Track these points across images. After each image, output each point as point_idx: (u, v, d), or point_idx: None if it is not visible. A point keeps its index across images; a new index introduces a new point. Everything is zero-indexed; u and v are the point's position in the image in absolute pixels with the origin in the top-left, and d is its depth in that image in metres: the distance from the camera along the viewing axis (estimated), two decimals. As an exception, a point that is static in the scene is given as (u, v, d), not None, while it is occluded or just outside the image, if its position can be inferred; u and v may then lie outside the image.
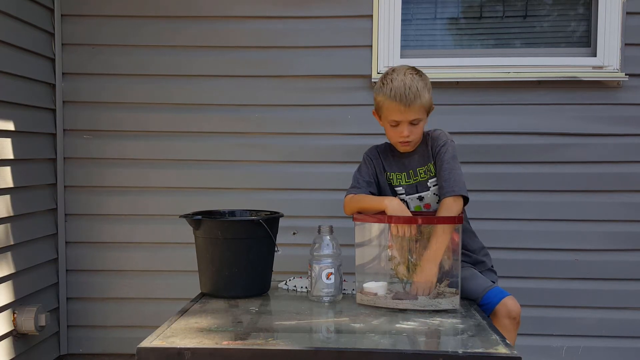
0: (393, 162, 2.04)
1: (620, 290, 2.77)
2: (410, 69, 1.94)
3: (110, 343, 2.90)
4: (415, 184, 2.01)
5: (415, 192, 2.01)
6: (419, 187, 2.00)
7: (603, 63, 2.72)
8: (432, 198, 1.99)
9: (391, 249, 1.80)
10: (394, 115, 1.91)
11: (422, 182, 2.00)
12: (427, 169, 1.99)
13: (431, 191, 1.99)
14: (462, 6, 2.90)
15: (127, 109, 2.86)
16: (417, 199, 2.00)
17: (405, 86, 1.87)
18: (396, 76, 1.91)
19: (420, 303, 1.71)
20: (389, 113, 1.92)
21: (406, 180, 2.01)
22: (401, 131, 1.92)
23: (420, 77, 1.93)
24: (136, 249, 2.88)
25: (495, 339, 1.44)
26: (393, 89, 1.88)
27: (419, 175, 2.00)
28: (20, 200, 2.54)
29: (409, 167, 2.01)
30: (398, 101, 1.87)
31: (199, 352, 1.36)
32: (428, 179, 1.99)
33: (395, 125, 1.92)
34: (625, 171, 2.76)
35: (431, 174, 1.99)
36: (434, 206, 1.98)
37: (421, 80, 1.91)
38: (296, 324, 1.59)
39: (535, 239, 2.78)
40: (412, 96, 1.87)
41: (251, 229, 1.86)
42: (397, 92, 1.87)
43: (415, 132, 1.93)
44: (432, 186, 1.99)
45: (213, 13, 2.82)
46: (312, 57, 2.81)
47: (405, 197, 2.01)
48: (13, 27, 2.50)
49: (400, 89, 1.87)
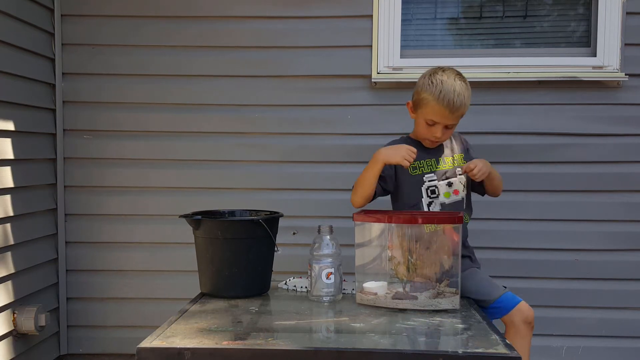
0: (421, 151, 2.03)
1: (620, 290, 2.77)
2: (459, 75, 1.97)
3: (110, 343, 2.90)
4: (446, 169, 2.05)
5: (445, 177, 2.04)
6: (449, 173, 2.05)
7: (603, 63, 2.72)
8: (459, 185, 2.04)
9: (391, 249, 1.80)
10: (434, 117, 1.94)
11: (450, 170, 2.05)
12: (454, 159, 2.07)
13: (458, 179, 2.04)
14: (462, 6, 2.90)
15: (127, 109, 2.86)
16: (447, 185, 2.03)
17: (455, 93, 1.90)
18: (446, 79, 1.93)
19: (420, 303, 1.71)
20: (430, 113, 1.95)
21: (435, 166, 2.04)
22: (435, 131, 1.97)
23: (467, 85, 1.97)
24: (136, 249, 2.88)
25: (495, 339, 1.44)
26: (443, 92, 1.90)
27: (447, 163, 2.06)
28: (20, 200, 2.55)
29: (435, 154, 2.06)
30: (445, 106, 1.90)
31: (199, 352, 1.36)
32: (455, 167, 2.05)
33: (431, 125, 1.97)
34: (625, 171, 2.76)
35: (457, 163, 2.06)
36: (461, 194, 2.05)
37: (467, 90, 1.96)
38: (296, 324, 1.59)
39: (535, 239, 2.78)
40: (459, 104, 1.91)
41: (251, 229, 1.86)
42: (445, 97, 1.90)
43: (447, 134, 2.01)
44: (458, 174, 2.04)
45: (213, 13, 2.82)
46: (312, 57, 2.81)
47: (436, 182, 2.03)
48: (13, 27, 2.50)
49: (450, 94, 1.90)
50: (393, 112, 2.80)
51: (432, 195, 2.04)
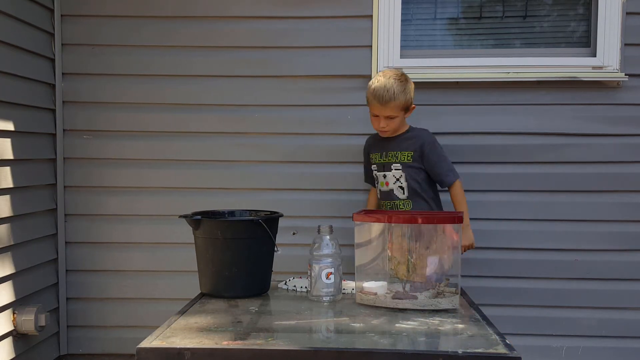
0: (375, 145, 2.49)
1: (620, 290, 2.77)
2: (395, 74, 2.35)
3: (110, 343, 2.90)
4: (383, 163, 2.44)
5: (382, 170, 2.45)
6: (385, 167, 2.44)
7: (603, 63, 2.72)
8: (391, 178, 2.42)
9: (391, 248, 1.80)
10: (373, 110, 2.35)
11: (388, 164, 2.43)
12: (396, 155, 2.41)
13: (391, 173, 2.42)
14: (462, 6, 2.90)
15: (127, 109, 2.86)
16: (382, 176, 2.45)
17: (384, 88, 2.29)
18: (381, 78, 2.33)
19: (419, 303, 1.71)
20: (371, 107, 2.37)
21: (379, 159, 2.46)
22: (379, 122, 2.36)
23: (401, 82, 2.32)
24: (136, 249, 2.88)
25: (495, 339, 1.44)
26: (375, 88, 2.31)
27: (388, 157, 2.43)
28: (20, 201, 2.54)
29: (385, 149, 2.44)
30: (376, 99, 2.31)
31: (199, 352, 1.36)
32: (393, 163, 2.41)
33: (375, 116, 2.36)
34: (625, 171, 2.76)
35: (397, 160, 2.40)
36: (391, 186, 2.43)
37: (400, 85, 2.31)
38: (296, 324, 1.59)
39: (535, 239, 2.78)
40: (387, 98, 2.28)
41: (251, 229, 1.86)
42: (376, 92, 2.30)
43: (391, 124, 2.36)
44: (393, 169, 2.41)
45: (213, 13, 2.82)
46: (312, 57, 2.81)
47: (376, 172, 2.48)
48: (13, 28, 2.50)
49: (380, 90, 2.29)
50: (393, 112, 2.80)
51: (375, 182, 2.50)
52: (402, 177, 2.40)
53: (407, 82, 2.34)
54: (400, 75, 2.34)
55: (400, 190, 2.41)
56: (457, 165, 2.78)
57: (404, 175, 2.40)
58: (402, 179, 2.40)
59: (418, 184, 2.40)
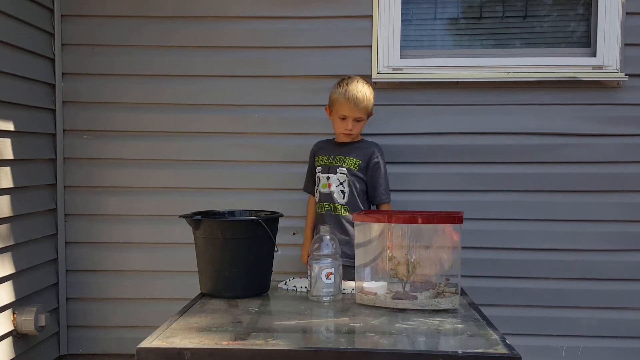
0: (325, 149, 2.57)
1: (620, 290, 2.77)
2: (362, 79, 2.49)
3: (110, 343, 2.90)
4: (329, 165, 2.50)
5: (327, 172, 2.50)
6: (331, 169, 2.50)
7: (603, 63, 2.72)
8: (334, 181, 2.48)
9: (391, 248, 1.80)
10: (344, 111, 2.42)
11: (334, 167, 2.49)
12: (344, 160, 2.48)
13: (336, 176, 2.47)
14: (462, 6, 2.90)
15: (127, 109, 2.86)
16: (326, 178, 2.50)
17: (357, 90, 2.41)
18: (351, 82, 2.45)
19: (419, 303, 1.71)
20: (340, 108, 2.43)
21: (325, 161, 2.52)
22: (347, 124, 2.43)
23: (369, 86, 2.48)
24: (136, 249, 2.88)
25: (495, 339, 1.44)
26: (348, 90, 2.41)
27: (336, 160, 2.49)
28: (20, 201, 2.54)
29: (333, 152, 2.52)
30: (350, 100, 2.40)
31: (199, 352, 1.36)
32: (339, 167, 2.48)
33: (343, 119, 2.44)
34: (625, 171, 2.75)
35: (345, 164, 2.47)
36: (333, 188, 2.48)
37: (369, 89, 2.46)
38: (296, 324, 1.59)
39: (535, 239, 2.78)
40: (362, 98, 2.40)
41: (251, 229, 1.86)
42: (350, 93, 2.40)
43: (357, 127, 2.46)
44: (339, 173, 2.47)
45: (213, 13, 2.82)
46: (312, 57, 2.81)
47: (320, 174, 2.52)
48: (13, 28, 2.50)
49: (354, 91, 2.41)
50: (393, 112, 2.80)
51: (317, 183, 2.54)
52: (345, 182, 2.46)
53: (371, 88, 2.49)
54: (365, 80, 2.50)
55: (340, 194, 2.46)
56: (457, 166, 2.80)
57: (347, 181, 2.46)
58: (345, 184, 2.46)
59: (357, 194, 2.47)
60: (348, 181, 2.46)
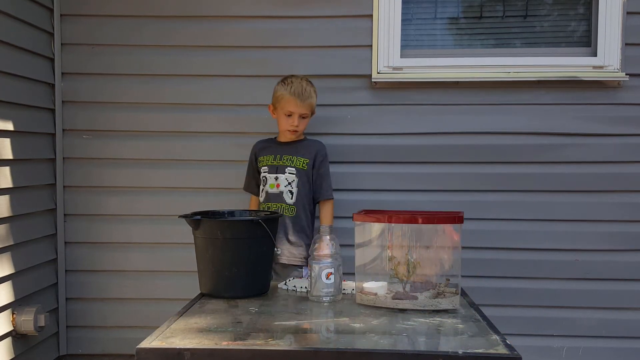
0: (269, 148, 2.56)
1: (620, 290, 2.77)
2: (303, 76, 2.52)
3: (110, 343, 2.90)
4: (277, 165, 2.50)
5: (275, 172, 2.49)
6: (279, 169, 2.49)
7: (603, 63, 2.72)
8: (283, 181, 2.48)
9: (391, 248, 1.80)
10: (290, 107, 2.44)
11: (282, 166, 2.49)
12: (292, 159, 2.48)
13: (284, 176, 2.47)
14: (462, 6, 2.90)
15: (127, 109, 2.86)
16: (274, 178, 2.49)
17: (302, 87, 2.45)
18: (295, 79, 2.48)
19: (420, 303, 1.71)
20: (286, 105, 2.45)
21: (272, 161, 2.52)
22: (293, 121, 2.46)
23: (312, 86, 2.51)
24: (135, 249, 2.88)
25: (495, 339, 1.44)
26: (293, 87, 2.45)
27: (283, 160, 2.49)
28: (20, 201, 2.54)
29: (280, 152, 2.51)
30: (296, 97, 2.43)
31: (199, 353, 1.36)
32: (288, 167, 2.48)
33: (289, 116, 2.46)
34: (625, 171, 2.75)
35: (293, 164, 2.47)
36: (282, 188, 2.47)
37: (312, 87, 2.50)
38: (296, 324, 1.59)
39: (535, 239, 2.78)
40: (307, 95, 2.45)
41: (251, 229, 1.86)
42: (296, 90, 2.44)
43: (302, 124, 2.49)
44: (287, 172, 2.47)
45: (213, 13, 2.81)
46: (312, 57, 2.81)
47: (267, 174, 2.51)
48: (12, 27, 2.50)
49: (299, 88, 2.44)
50: (393, 112, 2.80)
51: (263, 184, 2.52)
52: (293, 182, 2.47)
53: (314, 87, 2.52)
54: (307, 79, 2.53)
55: (289, 194, 2.46)
56: (457, 165, 2.80)
57: (296, 181, 2.47)
58: (294, 184, 2.47)
59: (305, 194, 2.48)
60: (297, 181, 2.47)
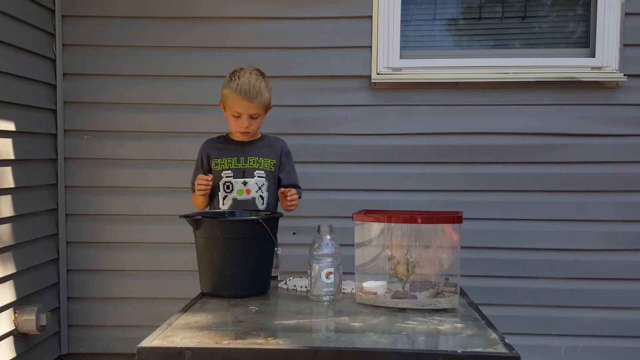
0: (223, 149, 2.25)
1: (620, 290, 2.77)
2: (255, 70, 2.19)
3: (111, 343, 2.90)
4: (243, 169, 2.21)
5: (242, 176, 2.21)
6: (246, 173, 2.21)
7: (602, 64, 2.73)
8: (253, 186, 2.20)
9: (390, 248, 1.80)
10: (237, 108, 2.14)
11: (250, 170, 2.21)
12: (259, 161, 2.22)
13: (254, 180, 2.20)
14: (462, 7, 2.90)
15: (128, 109, 2.87)
16: (242, 183, 2.20)
17: (250, 84, 2.12)
18: (243, 74, 2.16)
19: (419, 302, 1.72)
20: (233, 105, 2.15)
21: (236, 164, 2.22)
22: (242, 122, 2.16)
23: (264, 78, 2.18)
24: (136, 249, 2.89)
25: (494, 339, 1.45)
26: (239, 84, 2.12)
27: (249, 162, 2.21)
28: (21, 201, 2.55)
29: (241, 154, 2.22)
30: (243, 96, 2.11)
31: (199, 352, 1.36)
32: (255, 169, 2.21)
33: (237, 117, 2.16)
34: (625, 171, 2.76)
35: (261, 167, 2.22)
36: (253, 194, 2.20)
37: (264, 82, 2.17)
38: (296, 323, 1.59)
39: (535, 239, 2.78)
40: (255, 93, 2.12)
41: (251, 229, 1.86)
42: (242, 88, 2.12)
43: (254, 124, 2.19)
44: (257, 176, 2.20)
45: (213, 14, 2.82)
46: (312, 57, 2.81)
47: (232, 180, 2.20)
48: (14, 28, 2.51)
49: (246, 85, 2.12)
50: (393, 113, 2.80)
51: (227, 190, 2.20)
52: (264, 186, 2.21)
53: (267, 79, 2.20)
54: (259, 71, 2.20)
55: (260, 200, 2.21)
56: (457, 166, 2.80)
57: (266, 185, 2.22)
58: (264, 188, 2.21)
59: (273, 197, 2.24)
60: (267, 185, 2.21)
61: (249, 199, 2.19)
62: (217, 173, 2.21)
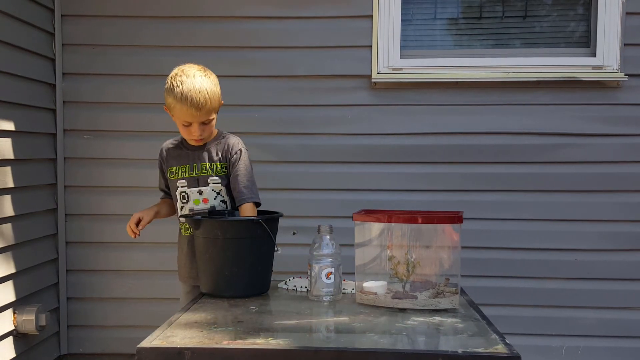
0: (177, 156, 2.07)
1: (620, 290, 2.77)
2: (199, 70, 1.96)
3: (110, 343, 2.90)
4: (196, 177, 2.04)
5: (196, 185, 2.04)
6: (200, 181, 2.04)
7: (602, 63, 2.72)
8: (210, 194, 2.03)
9: (391, 248, 1.80)
10: (186, 118, 1.92)
11: (203, 178, 2.03)
12: (212, 167, 2.03)
13: (209, 188, 2.03)
14: (462, 6, 2.90)
15: (128, 109, 2.87)
16: (197, 192, 2.04)
17: (195, 90, 1.88)
18: (185, 79, 1.92)
19: (419, 302, 1.72)
20: (181, 115, 1.93)
21: (188, 173, 2.04)
22: (194, 131, 1.95)
23: (209, 78, 1.96)
24: (136, 249, 2.89)
25: (495, 339, 1.44)
26: (184, 93, 1.89)
27: (201, 170, 2.03)
28: (21, 200, 2.55)
29: (194, 161, 2.04)
30: (189, 106, 1.89)
31: (199, 352, 1.36)
32: (209, 176, 2.02)
33: (187, 125, 1.95)
34: (625, 171, 2.76)
35: (213, 172, 2.03)
36: (212, 202, 2.03)
37: (210, 82, 1.94)
38: (296, 323, 1.59)
39: (535, 239, 2.78)
40: (203, 100, 1.89)
41: (251, 229, 1.86)
42: (187, 97, 1.88)
43: (207, 129, 1.98)
44: (211, 183, 2.02)
45: (213, 13, 2.82)
46: (312, 57, 2.81)
47: (187, 189, 2.04)
48: (13, 28, 2.51)
49: (191, 93, 1.88)
50: (393, 112, 2.80)
51: (183, 200, 2.05)
52: (222, 191, 2.04)
53: (213, 76, 2.00)
54: (203, 70, 1.99)
55: (222, 205, 2.05)
56: (457, 166, 2.80)
57: (224, 189, 2.04)
58: (223, 192, 2.04)
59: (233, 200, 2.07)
60: (224, 190, 2.04)
61: (209, 207, 2.03)
62: (173, 183, 2.06)
